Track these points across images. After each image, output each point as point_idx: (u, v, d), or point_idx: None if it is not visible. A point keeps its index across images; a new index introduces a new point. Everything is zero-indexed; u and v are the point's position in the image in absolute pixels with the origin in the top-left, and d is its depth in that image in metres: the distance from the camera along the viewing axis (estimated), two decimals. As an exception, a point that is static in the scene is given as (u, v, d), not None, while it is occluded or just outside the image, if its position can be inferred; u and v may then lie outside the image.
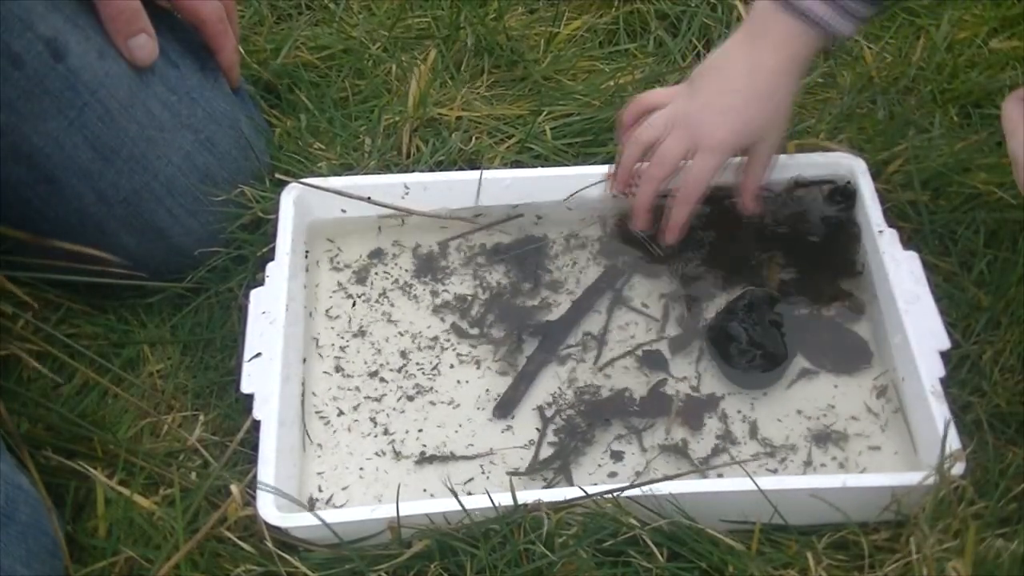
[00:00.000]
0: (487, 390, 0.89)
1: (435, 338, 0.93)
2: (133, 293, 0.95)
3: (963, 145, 1.02)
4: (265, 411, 0.82)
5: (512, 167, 1.02)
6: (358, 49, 1.15)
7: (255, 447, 0.81)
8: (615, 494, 0.76)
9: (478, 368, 0.91)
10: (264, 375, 0.84)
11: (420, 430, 0.87)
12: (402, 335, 0.93)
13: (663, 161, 0.91)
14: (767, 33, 0.88)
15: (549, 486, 0.83)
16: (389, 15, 1.20)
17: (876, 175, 0.97)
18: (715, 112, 0.89)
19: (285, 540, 0.78)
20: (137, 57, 0.90)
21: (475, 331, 0.93)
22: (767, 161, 0.92)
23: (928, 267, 0.90)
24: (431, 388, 0.90)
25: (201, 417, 0.88)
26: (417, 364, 0.91)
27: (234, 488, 0.79)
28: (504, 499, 0.76)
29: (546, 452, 0.85)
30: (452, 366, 0.91)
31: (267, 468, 0.79)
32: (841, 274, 0.94)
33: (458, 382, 0.90)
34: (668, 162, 0.90)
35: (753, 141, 0.90)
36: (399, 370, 0.91)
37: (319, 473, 0.85)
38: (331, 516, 0.77)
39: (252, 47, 1.14)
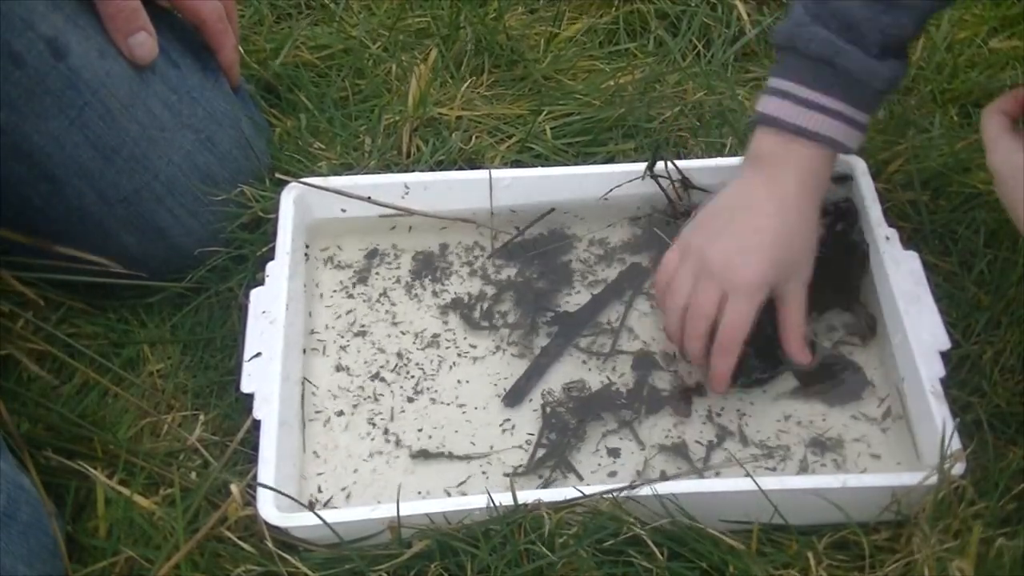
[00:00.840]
0: (488, 389, 0.89)
1: (436, 338, 0.93)
2: (133, 293, 0.95)
3: (963, 145, 1.02)
4: (265, 411, 0.82)
5: (512, 167, 1.02)
6: (358, 49, 1.15)
7: (255, 447, 0.81)
8: (615, 494, 0.76)
9: (479, 368, 0.91)
10: (264, 375, 0.84)
11: (420, 429, 0.87)
12: (402, 335, 0.93)
13: (698, 315, 0.85)
14: (785, 162, 0.85)
15: (548, 484, 0.83)
16: (389, 15, 1.20)
17: (876, 175, 0.97)
18: (743, 253, 0.84)
19: (285, 540, 0.78)
20: (137, 55, 0.90)
21: (480, 330, 0.93)
22: (803, 300, 0.86)
23: (928, 267, 0.90)
24: (431, 388, 0.90)
25: (201, 417, 0.88)
26: (417, 364, 0.91)
27: (234, 488, 0.79)
28: (504, 499, 0.76)
29: (546, 450, 0.85)
30: (453, 365, 0.91)
31: (267, 468, 0.79)
32: (844, 301, 0.93)
33: (458, 381, 0.90)
34: (704, 314, 0.84)
35: (786, 278, 0.85)
36: (399, 370, 0.91)
37: (319, 473, 0.85)
38: (331, 516, 0.77)
39: (252, 47, 1.14)
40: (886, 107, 1.07)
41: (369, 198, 0.96)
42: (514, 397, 0.88)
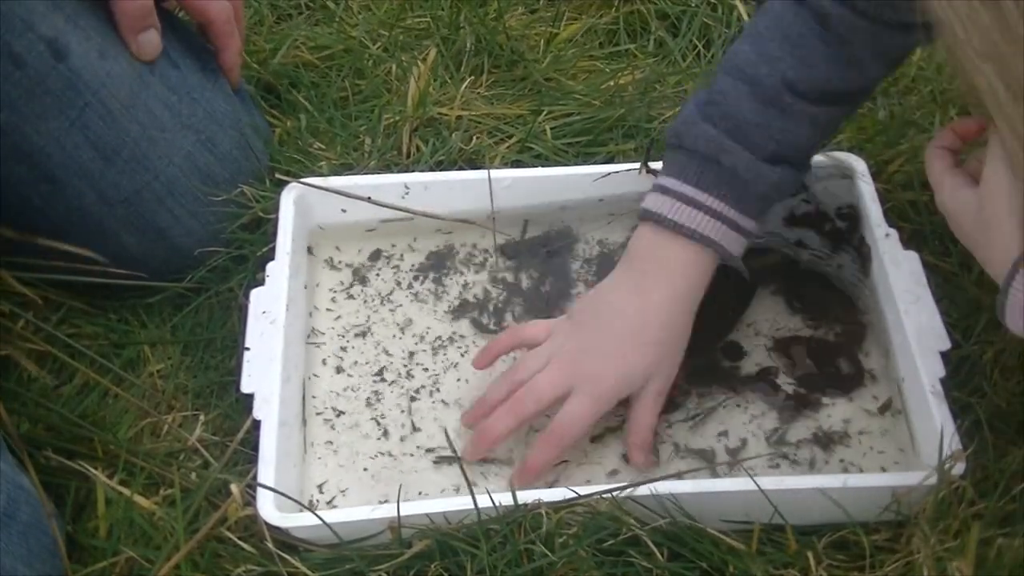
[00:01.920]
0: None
1: (436, 338, 0.93)
2: (133, 293, 0.95)
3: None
4: (265, 411, 0.82)
5: (512, 167, 1.02)
6: (358, 49, 1.15)
7: (255, 447, 0.81)
8: (614, 494, 0.76)
9: (487, 370, 0.91)
10: (264, 375, 0.84)
11: (420, 430, 0.87)
12: (403, 335, 0.93)
13: (537, 397, 0.82)
14: (657, 262, 0.83)
15: (551, 484, 0.83)
16: (389, 15, 1.20)
17: (876, 175, 0.97)
18: (599, 356, 0.82)
19: (285, 540, 0.78)
20: (144, 51, 0.91)
21: (483, 327, 0.93)
22: (654, 406, 0.83)
23: (928, 267, 0.90)
24: (432, 388, 0.90)
25: (201, 417, 0.88)
26: (418, 364, 0.91)
27: (234, 488, 0.79)
28: (504, 499, 0.76)
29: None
30: (454, 366, 0.91)
31: (267, 468, 0.79)
32: (842, 308, 0.93)
33: (459, 381, 0.90)
34: (542, 399, 0.82)
35: (640, 386, 0.83)
36: (400, 370, 0.91)
37: (319, 473, 0.85)
38: (331, 516, 0.77)
39: (252, 47, 1.14)
40: (886, 107, 1.07)
41: (369, 198, 0.96)
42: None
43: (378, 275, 0.97)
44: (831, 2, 0.80)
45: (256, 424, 0.82)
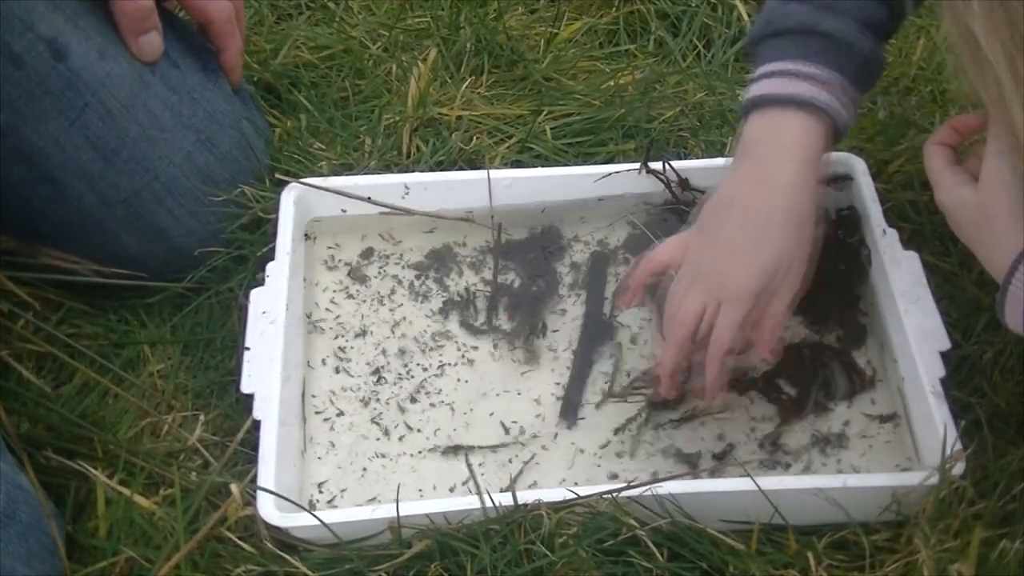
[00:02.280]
0: (489, 389, 0.90)
1: (436, 338, 0.93)
2: (133, 293, 0.95)
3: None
4: (265, 411, 0.82)
5: (512, 167, 1.02)
6: (358, 49, 1.15)
7: (255, 447, 0.81)
8: (614, 494, 0.76)
9: (480, 368, 0.91)
10: (264, 375, 0.84)
11: (419, 430, 0.87)
12: (403, 335, 0.93)
13: (683, 320, 0.81)
14: (771, 144, 0.81)
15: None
16: (389, 15, 1.20)
17: (876, 175, 0.97)
18: (733, 256, 0.80)
19: (285, 540, 0.78)
20: (145, 53, 0.91)
21: (482, 327, 0.93)
22: (789, 294, 0.81)
23: (928, 267, 0.90)
24: (432, 388, 0.90)
25: (201, 417, 0.88)
26: (418, 364, 0.91)
27: (234, 488, 0.79)
28: (504, 499, 0.76)
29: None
30: (453, 365, 0.91)
31: (267, 468, 0.79)
32: (843, 304, 0.93)
33: (459, 381, 0.90)
34: (688, 320, 0.81)
35: (777, 277, 0.80)
36: (400, 370, 0.91)
37: (319, 473, 0.85)
38: (331, 516, 0.77)
39: (252, 47, 1.13)
40: (886, 107, 1.07)
41: (369, 198, 0.96)
42: (570, 413, 0.88)
43: (378, 275, 0.97)
44: None
45: (256, 424, 0.82)
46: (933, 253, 0.95)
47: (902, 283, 0.88)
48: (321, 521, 0.76)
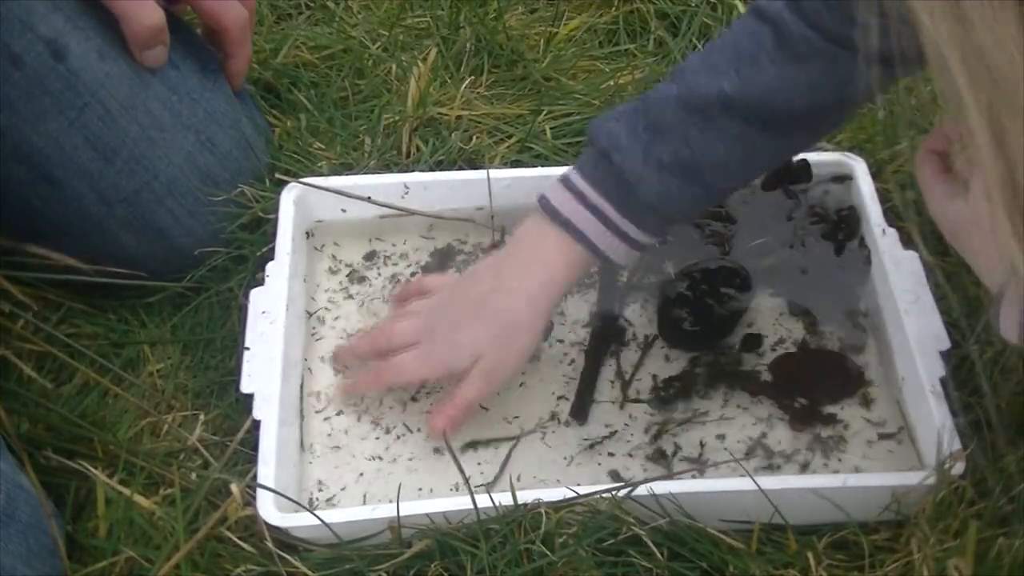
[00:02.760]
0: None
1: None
2: (133, 293, 0.95)
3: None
4: (265, 411, 0.82)
5: (512, 167, 1.02)
6: (358, 49, 1.15)
7: (255, 447, 0.81)
8: (614, 494, 0.76)
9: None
10: (264, 375, 0.84)
11: (419, 430, 0.87)
12: (402, 335, 0.93)
13: (387, 334, 0.87)
14: (525, 246, 0.84)
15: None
16: (389, 15, 1.20)
17: (876, 175, 0.97)
18: (443, 321, 0.85)
19: (285, 540, 0.78)
20: (149, 63, 0.91)
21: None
22: (475, 382, 0.83)
23: (928, 267, 0.90)
24: (432, 388, 0.90)
25: (201, 417, 0.88)
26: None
27: (234, 488, 0.79)
28: (504, 499, 0.76)
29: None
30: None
31: (267, 468, 0.79)
32: (843, 304, 0.93)
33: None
34: (389, 338, 0.86)
35: (467, 362, 0.83)
36: (399, 370, 0.91)
37: (319, 473, 0.85)
38: (331, 516, 0.77)
39: (252, 47, 1.13)
40: (886, 107, 1.07)
41: (369, 198, 0.96)
42: (580, 413, 0.87)
43: (379, 275, 0.97)
44: (790, 16, 0.77)
45: (256, 424, 0.82)
46: (933, 253, 0.95)
47: (902, 283, 0.88)
48: (322, 521, 0.76)
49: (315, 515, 0.76)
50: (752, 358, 0.90)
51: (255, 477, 0.79)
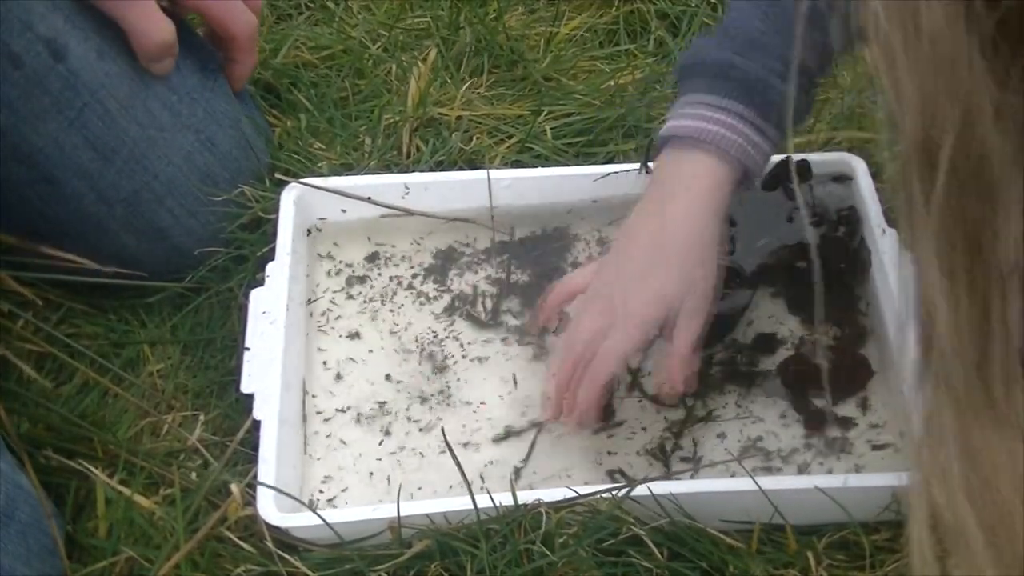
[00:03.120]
0: (491, 389, 0.90)
1: (437, 338, 0.93)
2: (133, 293, 0.95)
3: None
4: (266, 411, 0.82)
5: (512, 167, 1.02)
6: (358, 49, 1.15)
7: (255, 447, 0.81)
8: (614, 494, 0.76)
9: (481, 368, 0.91)
10: (264, 375, 0.84)
11: (420, 430, 0.87)
12: (404, 335, 0.93)
13: (574, 340, 0.81)
14: (672, 179, 0.82)
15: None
16: (389, 15, 1.20)
17: (876, 175, 0.97)
18: (626, 283, 0.80)
19: (285, 540, 0.78)
20: (156, 72, 0.91)
21: (482, 328, 0.93)
22: (694, 319, 0.80)
23: (928, 267, 0.90)
24: (433, 388, 0.90)
25: (201, 417, 0.88)
26: (418, 364, 0.91)
27: (234, 488, 0.79)
28: (504, 499, 0.76)
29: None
30: (455, 366, 0.91)
31: (267, 468, 0.79)
32: (843, 304, 0.92)
33: (458, 381, 0.90)
34: (579, 340, 0.81)
35: (674, 306, 0.80)
36: (400, 369, 0.91)
37: (319, 473, 0.85)
38: (331, 516, 0.77)
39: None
40: (886, 107, 1.07)
41: (369, 198, 0.96)
42: (607, 412, 0.87)
43: (379, 275, 0.97)
44: None
45: (256, 424, 0.82)
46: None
47: (902, 283, 0.88)
48: (323, 520, 0.76)
49: (316, 515, 0.76)
50: (763, 358, 0.90)
51: (255, 477, 0.79)
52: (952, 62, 0.34)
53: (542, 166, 1.02)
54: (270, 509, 0.77)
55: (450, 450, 0.81)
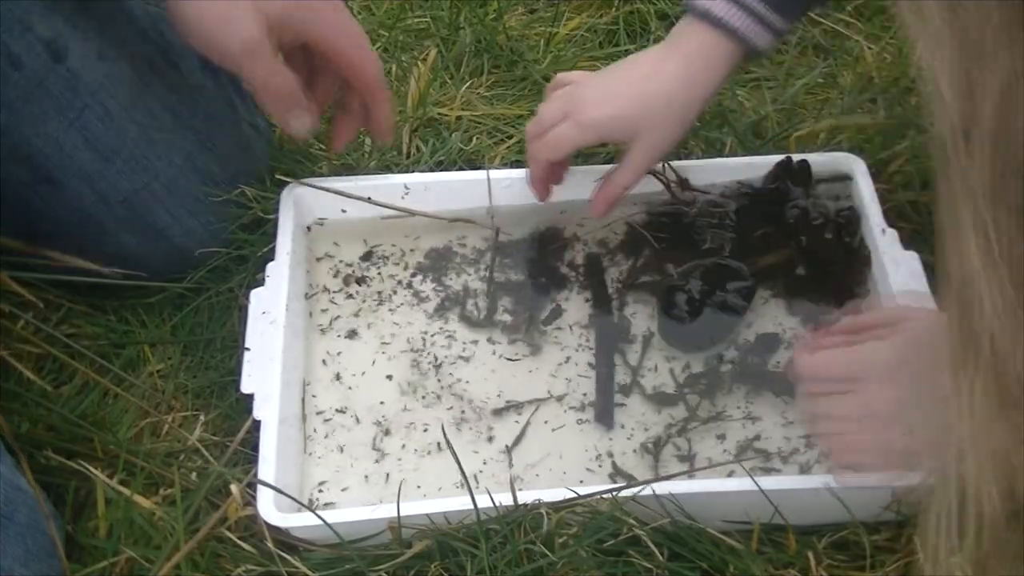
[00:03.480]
0: (489, 389, 0.90)
1: (436, 338, 0.93)
2: (133, 293, 0.95)
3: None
4: (265, 411, 0.82)
5: (512, 167, 1.02)
6: (358, 49, 1.15)
7: (255, 447, 0.81)
8: (614, 494, 0.76)
9: (480, 368, 0.91)
10: (264, 375, 0.84)
11: (419, 428, 0.87)
12: (403, 334, 0.93)
13: (538, 120, 0.90)
14: (680, 43, 0.87)
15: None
16: (389, 15, 1.20)
17: (876, 175, 0.97)
18: (598, 91, 0.88)
19: (285, 540, 0.78)
20: (294, 129, 0.88)
21: (480, 328, 0.93)
22: (636, 163, 0.89)
23: (928, 267, 0.90)
24: (432, 387, 0.90)
25: (201, 417, 0.88)
26: (417, 363, 0.91)
27: (234, 488, 0.79)
28: (504, 499, 0.76)
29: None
30: (453, 365, 0.91)
31: (267, 468, 0.79)
32: (843, 305, 0.92)
33: (458, 381, 0.90)
34: (540, 122, 0.90)
35: (626, 135, 0.88)
36: (400, 368, 0.91)
37: (319, 473, 0.85)
38: (331, 516, 0.77)
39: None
40: (886, 107, 1.07)
41: (369, 199, 0.96)
42: (606, 417, 0.87)
43: (379, 275, 0.97)
44: None
45: (256, 424, 0.82)
46: (933, 253, 0.95)
47: (902, 284, 0.88)
48: (322, 520, 0.76)
49: (316, 515, 0.76)
50: (764, 358, 0.90)
51: (255, 477, 0.79)
52: (992, 33, 0.34)
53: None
54: (270, 509, 0.77)
55: (451, 448, 0.81)
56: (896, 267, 0.89)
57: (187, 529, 0.79)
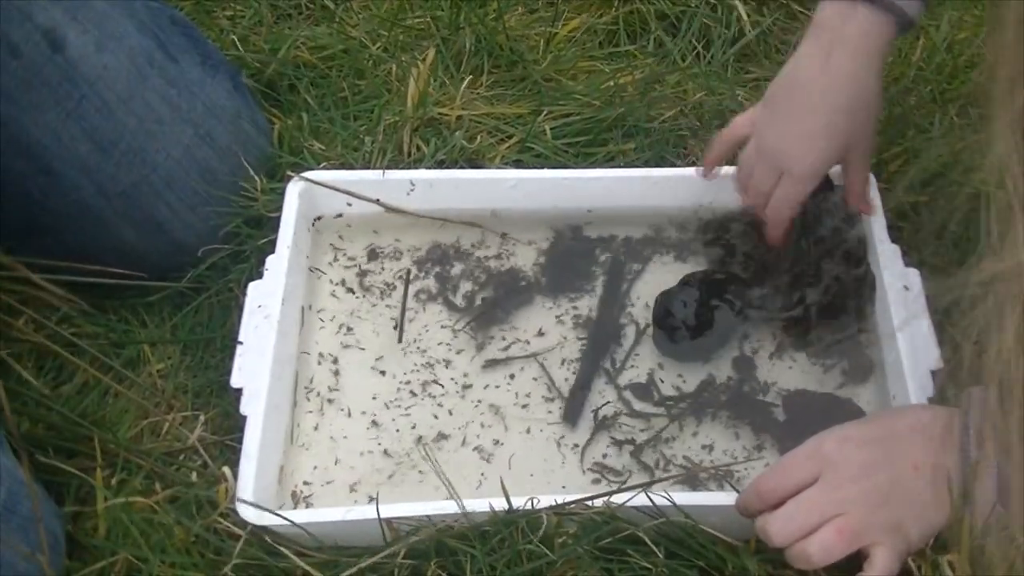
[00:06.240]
0: (488, 387, 0.90)
1: (435, 333, 0.93)
2: (134, 292, 0.95)
3: (963, 145, 1.02)
4: (252, 407, 0.82)
5: (513, 166, 1.02)
6: (358, 49, 1.15)
7: (253, 444, 0.81)
8: (607, 501, 0.76)
9: (478, 365, 0.91)
10: (254, 370, 0.84)
11: (431, 426, 0.87)
12: (398, 331, 0.93)
13: (757, 195, 0.90)
14: (841, 34, 0.84)
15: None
16: (389, 15, 1.20)
17: (876, 175, 0.97)
18: (796, 138, 0.87)
19: (283, 540, 0.78)
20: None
21: (479, 326, 0.93)
22: (864, 165, 0.90)
23: (927, 267, 0.90)
24: (430, 385, 0.90)
25: (201, 417, 0.88)
26: (415, 359, 0.91)
27: (227, 470, 0.79)
28: (499, 503, 0.76)
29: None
30: (451, 363, 0.91)
31: (249, 464, 0.79)
32: (847, 341, 0.91)
33: (454, 381, 0.90)
34: (761, 194, 0.90)
35: (842, 156, 0.88)
36: (398, 365, 0.91)
37: (313, 467, 0.85)
38: (328, 515, 0.77)
39: (252, 47, 1.14)
40: (886, 107, 1.07)
41: (378, 200, 0.97)
42: (573, 415, 0.87)
43: (381, 271, 0.97)
44: None
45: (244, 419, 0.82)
46: (932, 253, 0.95)
47: (899, 302, 0.87)
48: (320, 520, 0.76)
49: (315, 514, 0.75)
50: (753, 385, 0.90)
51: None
52: None
53: (543, 166, 1.02)
54: (247, 508, 0.76)
55: (435, 467, 0.81)
56: (895, 283, 0.88)
57: (185, 528, 0.79)
